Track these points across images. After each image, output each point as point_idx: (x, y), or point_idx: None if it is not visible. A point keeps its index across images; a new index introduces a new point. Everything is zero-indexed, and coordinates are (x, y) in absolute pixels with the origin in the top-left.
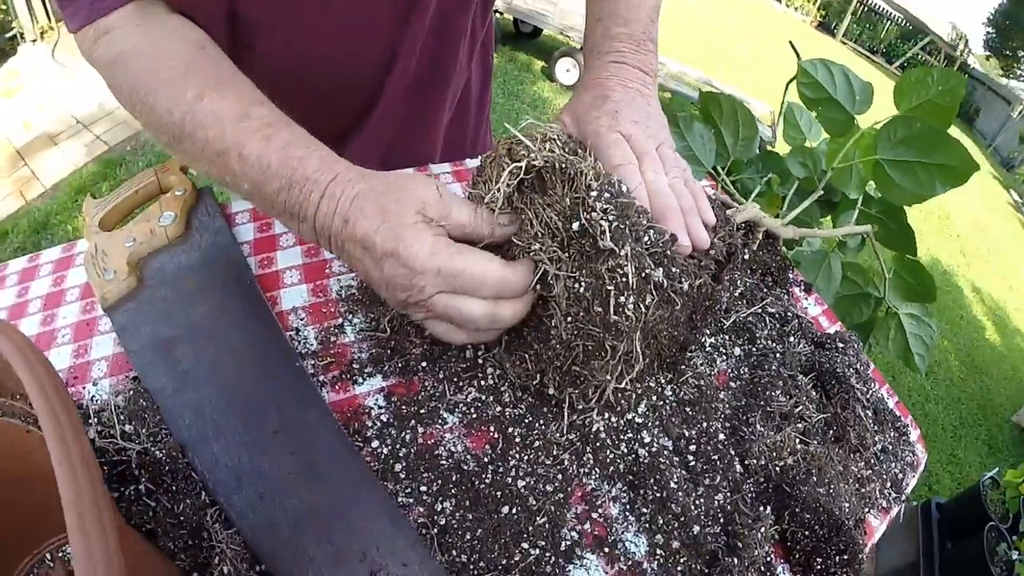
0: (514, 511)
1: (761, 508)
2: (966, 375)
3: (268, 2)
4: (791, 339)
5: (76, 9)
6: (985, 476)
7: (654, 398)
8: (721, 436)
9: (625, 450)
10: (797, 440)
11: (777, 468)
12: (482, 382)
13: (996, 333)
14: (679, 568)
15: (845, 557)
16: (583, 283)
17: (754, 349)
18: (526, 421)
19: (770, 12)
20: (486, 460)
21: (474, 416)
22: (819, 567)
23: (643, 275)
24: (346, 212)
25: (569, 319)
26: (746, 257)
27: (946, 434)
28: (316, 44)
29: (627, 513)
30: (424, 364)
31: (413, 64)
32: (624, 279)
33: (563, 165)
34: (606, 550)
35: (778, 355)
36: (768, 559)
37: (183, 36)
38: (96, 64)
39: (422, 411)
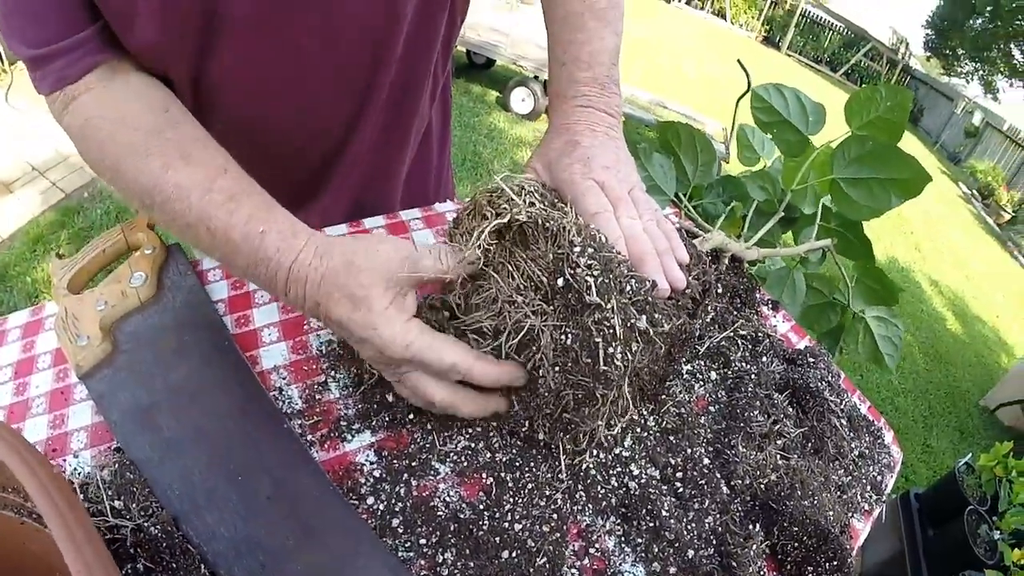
0: (514, 555)
1: (751, 526)
2: (932, 366)
3: (233, 60)
4: (764, 359)
5: (44, 74)
6: (959, 463)
7: (638, 430)
8: (705, 460)
9: (615, 484)
10: (778, 456)
11: (762, 486)
12: (470, 430)
13: (957, 322)
14: None
15: (835, 563)
16: (570, 335)
17: (729, 372)
18: (517, 464)
19: (716, 30)
20: (482, 507)
21: (465, 464)
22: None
23: (629, 325)
24: (316, 296)
25: (557, 369)
26: (719, 291)
27: (917, 425)
28: (282, 104)
29: (623, 545)
30: (411, 416)
31: (379, 114)
32: (611, 330)
33: (546, 221)
34: None
35: (753, 376)
36: (762, 574)
37: (147, 98)
38: (66, 130)
39: (414, 464)
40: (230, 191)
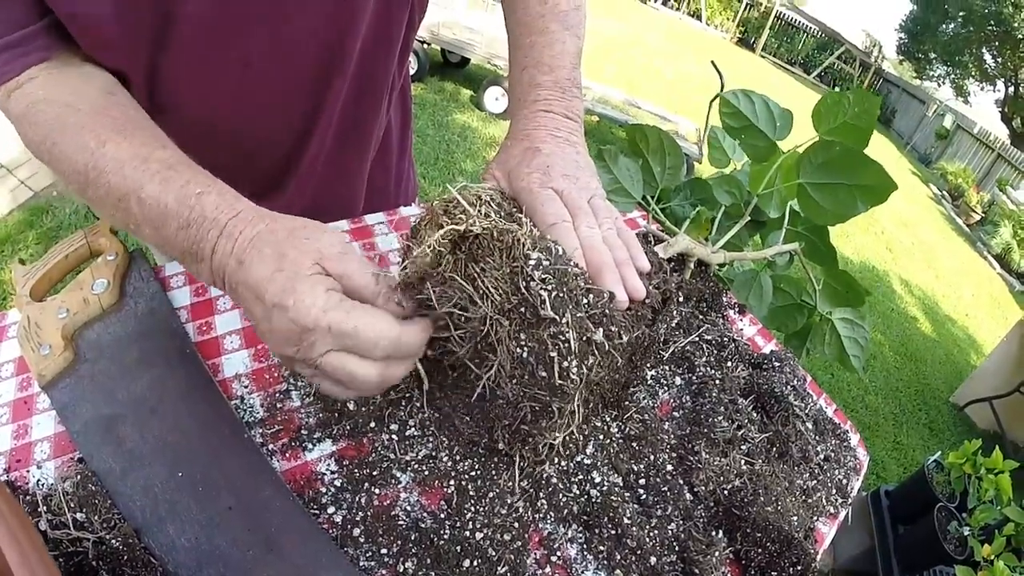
0: (475, 563)
1: (713, 533)
2: (902, 364)
3: (186, 62)
4: (729, 364)
5: None
6: (929, 460)
7: (601, 436)
8: (669, 467)
9: (577, 491)
10: (742, 462)
11: (725, 492)
12: (431, 439)
13: (927, 321)
14: None
15: (799, 568)
16: (526, 348)
17: (694, 377)
18: (478, 473)
19: (691, 31)
20: (443, 516)
21: (427, 473)
22: None
23: (585, 338)
24: (242, 253)
25: (514, 381)
26: (680, 299)
27: (888, 423)
28: (236, 105)
29: (585, 553)
30: (372, 424)
31: (335, 120)
32: (567, 344)
33: (500, 233)
34: None
35: (717, 381)
36: None
37: (92, 81)
38: (10, 117)
39: (375, 473)
40: (167, 161)
